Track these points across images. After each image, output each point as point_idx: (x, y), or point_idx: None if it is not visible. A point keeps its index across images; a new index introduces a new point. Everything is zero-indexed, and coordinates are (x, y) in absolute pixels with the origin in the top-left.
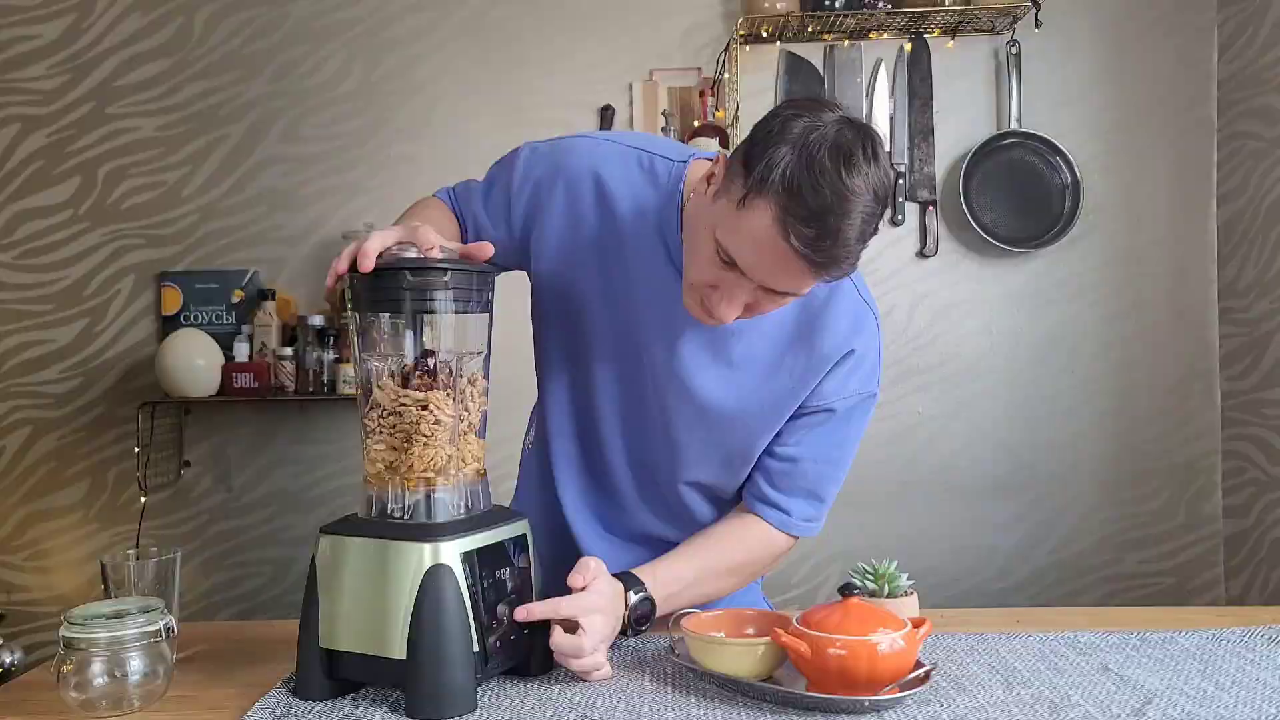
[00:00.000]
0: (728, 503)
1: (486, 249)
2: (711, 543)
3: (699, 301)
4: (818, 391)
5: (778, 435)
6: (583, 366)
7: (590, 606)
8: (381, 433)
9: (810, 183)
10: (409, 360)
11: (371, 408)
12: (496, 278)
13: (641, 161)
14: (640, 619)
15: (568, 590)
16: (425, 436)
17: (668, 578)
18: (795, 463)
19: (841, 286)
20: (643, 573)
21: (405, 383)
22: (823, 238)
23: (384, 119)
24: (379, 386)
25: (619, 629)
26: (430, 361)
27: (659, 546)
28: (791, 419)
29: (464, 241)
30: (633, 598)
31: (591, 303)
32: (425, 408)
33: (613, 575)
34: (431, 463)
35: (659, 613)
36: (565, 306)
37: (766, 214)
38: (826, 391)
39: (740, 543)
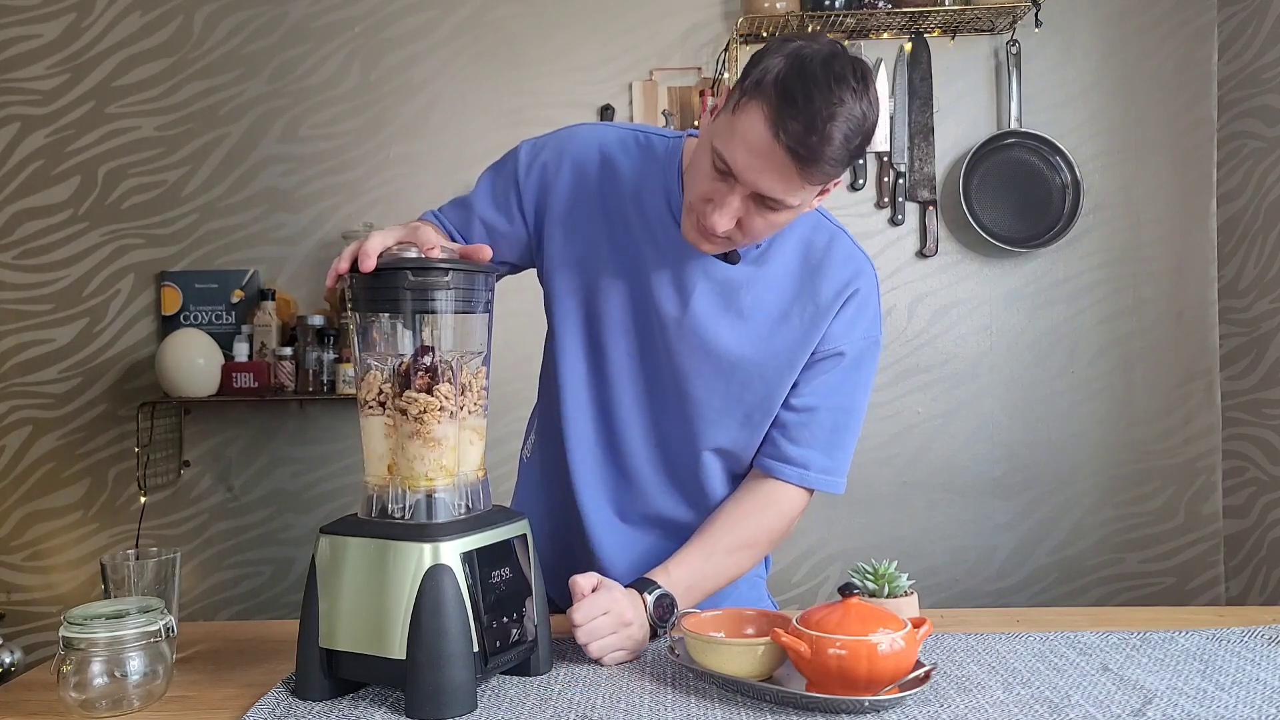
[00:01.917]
0: (744, 477)
1: (485, 250)
2: (719, 524)
3: (695, 224)
4: (827, 335)
5: (793, 388)
6: (598, 345)
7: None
8: (382, 432)
9: (801, 88)
10: (407, 358)
11: (371, 407)
12: (498, 281)
13: (638, 139)
14: (662, 615)
15: (569, 595)
16: (425, 436)
17: (680, 572)
18: (812, 412)
19: (838, 239)
20: (654, 574)
21: (406, 381)
22: (810, 133)
23: (384, 119)
24: (378, 384)
25: (643, 635)
26: (428, 359)
27: (673, 530)
28: (804, 370)
29: None
30: (649, 598)
31: (604, 272)
32: (426, 408)
33: (628, 585)
34: (432, 463)
35: (683, 604)
36: (578, 282)
37: (759, 114)
38: (836, 333)
39: (749, 515)
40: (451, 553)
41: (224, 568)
